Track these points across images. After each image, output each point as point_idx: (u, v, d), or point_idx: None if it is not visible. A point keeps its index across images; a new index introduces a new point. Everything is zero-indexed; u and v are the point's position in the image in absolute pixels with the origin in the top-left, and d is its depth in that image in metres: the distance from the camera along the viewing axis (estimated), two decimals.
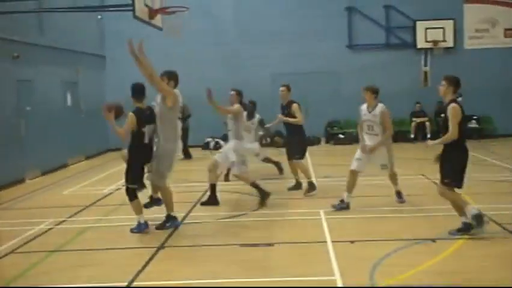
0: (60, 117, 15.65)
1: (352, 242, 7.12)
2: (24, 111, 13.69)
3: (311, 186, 10.31)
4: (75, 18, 16.22)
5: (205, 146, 18.60)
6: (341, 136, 18.42)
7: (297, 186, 10.73)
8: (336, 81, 18.58)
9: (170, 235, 7.93)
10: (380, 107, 8.92)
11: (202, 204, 9.78)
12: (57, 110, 15.64)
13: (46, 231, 8.47)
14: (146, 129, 8.00)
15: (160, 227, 8.20)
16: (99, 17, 18.95)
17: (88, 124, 17.36)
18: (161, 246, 7.38)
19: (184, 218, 8.92)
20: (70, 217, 9.36)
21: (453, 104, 7.05)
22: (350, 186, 8.86)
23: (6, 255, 7.31)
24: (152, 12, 11.46)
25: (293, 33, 19.17)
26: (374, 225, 8.00)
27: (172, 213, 8.28)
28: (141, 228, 8.05)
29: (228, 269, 6.41)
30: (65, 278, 6.33)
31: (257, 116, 11.20)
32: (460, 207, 7.21)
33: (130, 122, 7.88)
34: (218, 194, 9.81)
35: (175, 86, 8.46)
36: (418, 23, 19.04)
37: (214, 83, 18.17)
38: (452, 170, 7.08)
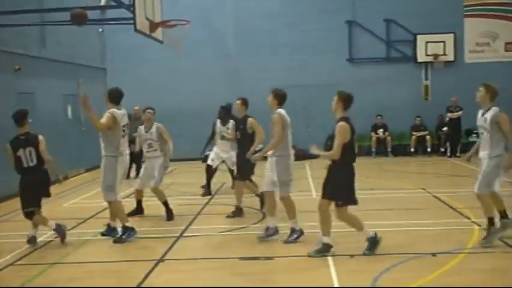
0: (61, 130, 15.67)
1: (352, 256, 7.09)
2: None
3: (238, 211, 9.74)
4: (76, 31, 16.28)
5: (205, 160, 18.54)
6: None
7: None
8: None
9: (170, 248, 7.92)
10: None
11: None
12: (58, 122, 15.67)
13: (46, 244, 8.46)
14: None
15: (118, 240, 8.30)
16: (100, 30, 19.05)
17: (88, 136, 17.31)
18: (161, 259, 7.36)
19: (184, 230, 8.91)
20: (70, 229, 9.31)
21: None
22: None
23: (6, 267, 7.30)
24: (153, 26, 11.52)
25: (294, 46, 19.25)
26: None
27: (127, 224, 8.39)
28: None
29: (228, 282, 6.39)
30: None
31: (231, 122, 11.08)
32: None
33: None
34: (217, 207, 9.82)
35: (118, 103, 8.67)
36: (419, 37, 19.11)
37: (214, 95, 18.46)
38: None
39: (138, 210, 10.07)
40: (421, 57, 19.19)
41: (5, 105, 12.86)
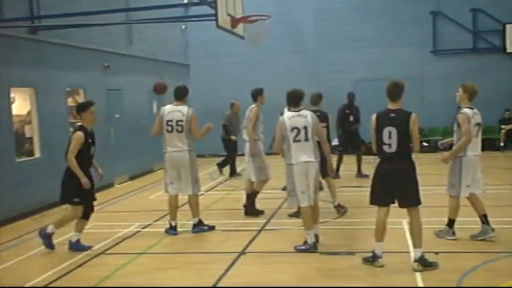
0: (146, 124, 16.17)
1: (436, 253, 6.90)
2: (113, 119, 14.32)
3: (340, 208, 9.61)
4: (160, 28, 16.82)
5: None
6: (425, 144, 17.91)
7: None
8: (419, 88, 18.08)
9: (251, 241, 8.03)
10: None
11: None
12: (144, 117, 16.22)
13: (134, 234, 8.81)
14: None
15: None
16: (183, 27, 19.53)
17: None
18: (243, 252, 7.48)
19: (265, 224, 9.00)
20: (155, 221, 9.69)
21: None
22: None
23: (97, 255, 7.68)
24: (235, 21, 11.64)
25: (374, 40, 18.89)
26: (460, 236, 7.70)
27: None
28: None
29: (309, 276, 6.41)
30: (153, 279, 6.58)
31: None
32: None
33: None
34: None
35: (176, 99, 8.97)
36: (508, 26, 18.18)
37: None
38: None
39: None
40: (511, 47, 18.26)
41: (95, 101, 13.46)
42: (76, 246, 7.96)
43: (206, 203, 11.15)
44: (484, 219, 7.49)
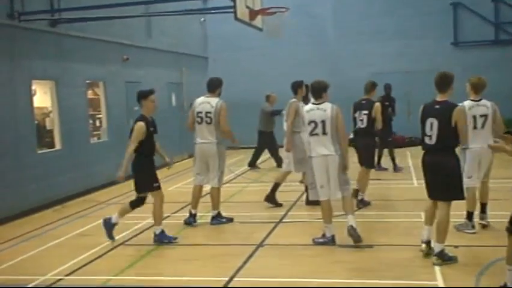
0: (165, 117, 16.28)
1: (456, 246, 6.84)
2: (132, 111, 14.39)
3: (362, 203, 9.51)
4: (179, 21, 16.86)
5: None
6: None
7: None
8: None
9: (269, 233, 8.04)
10: None
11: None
12: (163, 109, 16.27)
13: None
14: None
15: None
16: (202, 19, 19.54)
17: None
18: (261, 244, 7.50)
19: (283, 216, 9.01)
20: (174, 212, 9.75)
21: None
22: None
23: (116, 246, 7.76)
24: (253, 14, 11.63)
25: (394, 32, 18.71)
26: (480, 230, 7.63)
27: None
28: None
29: (327, 269, 6.41)
30: (171, 271, 6.64)
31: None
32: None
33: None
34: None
35: (209, 91, 8.88)
36: None
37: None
38: None
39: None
40: None
41: (114, 94, 13.60)
42: (109, 225, 8.02)
43: (224, 195, 11.15)
44: (469, 215, 7.50)
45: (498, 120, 7.38)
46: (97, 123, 13.40)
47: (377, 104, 9.47)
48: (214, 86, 8.78)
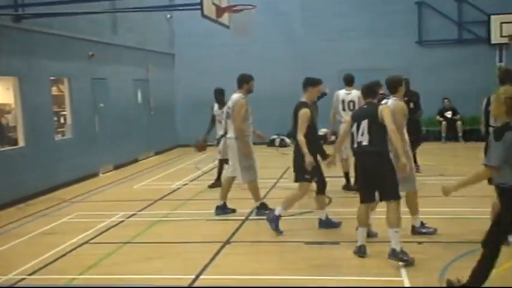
0: (131, 114, 16.16)
1: (420, 243, 6.97)
2: (98, 108, 14.24)
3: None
4: (146, 18, 16.71)
5: (271, 143, 18.68)
6: None
7: None
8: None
9: (236, 230, 8.05)
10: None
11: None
12: (129, 107, 16.16)
13: (118, 224, 8.80)
14: None
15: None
16: (168, 16, 19.40)
17: (157, 121, 17.86)
18: (227, 242, 7.50)
19: (250, 213, 9.02)
20: (140, 210, 9.67)
21: None
22: None
23: (81, 245, 7.66)
24: (220, 11, 11.59)
25: (361, 30, 18.91)
26: (444, 227, 7.78)
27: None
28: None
29: (293, 266, 6.44)
30: (137, 269, 6.57)
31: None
32: None
33: None
34: (283, 192, 9.84)
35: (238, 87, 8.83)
36: (493, 17, 18.27)
37: (281, 80, 18.47)
38: None
39: None
40: (495, 38, 18.35)
41: (79, 91, 13.40)
42: (326, 224, 7.91)
43: (192, 192, 11.16)
44: None
45: None
46: (62, 120, 13.19)
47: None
48: (239, 82, 8.85)
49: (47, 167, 11.82)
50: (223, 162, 10.96)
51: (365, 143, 6.51)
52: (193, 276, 6.17)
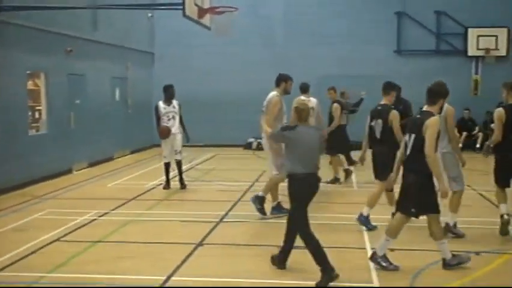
0: (108, 112, 16.00)
1: (392, 250, 7.00)
2: (74, 105, 14.07)
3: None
4: (127, 15, 16.58)
5: (247, 146, 18.69)
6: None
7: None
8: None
9: (209, 232, 8.02)
10: None
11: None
12: (106, 104, 16.00)
13: (90, 222, 8.69)
14: None
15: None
16: (149, 14, 19.28)
17: (134, 119, 17.72)
18: (200, 243, 7.47)
19: (224, 216, 9.00)
20: (113, 209, 9.58)
21: None
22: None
23: (51, 242, 7.54)
24: (202, 12, 11.58)
25: (341, 36, 19.03)
26: (416, 235, 7.85)
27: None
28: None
29: (264, 270, 6.43)
30: (107, 268, 6.50)
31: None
32: None
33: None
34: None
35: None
36: (470, 30, 18.61)
37: (260, 82, 18.39)
38: None
39: None
40: (472, 51, 18.68)
41: (55, 86, 13.23)
42: (364, 221, 8.06)
43: (165, 193, 11.09)
44: None
45: None
46: (36, 115, 12.99)
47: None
48: (278, 80, 8.95)
49: (19, 162, 11.63)
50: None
51: None
52: (165, 277, 6.13)
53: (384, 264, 6.34)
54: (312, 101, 10.66)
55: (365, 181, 11.52)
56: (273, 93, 8.82)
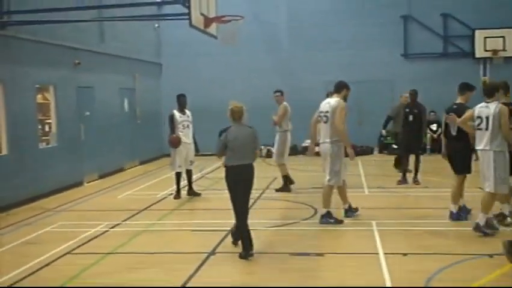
0: (117, 123, 16.07)
1: (405, 254, 6.99)
2: (83, 117, 14.14)
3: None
4: (133, 26, 16.69)
5: None
6: (395, 146, 18.11)
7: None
8: (390, 90, 18.22)
9: (221, 241, 8.01)
10: None
11: None
12: (115, 115, 16.07)
13: (102, 234, 8.71)
14: None
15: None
16: (156, 25, 19.40)
17: (143, 130, 17.79)
18: (212, 252, 7.46)
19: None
20: (124, 220, 9.59)
21: None
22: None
23: (63, 255, 7.56)
24: (208, 21, 11.61)
25: (347, 41, 19.05)
26: (428, 238, 7.82)
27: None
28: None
29: (278, 277, 6.42)
30: (120, 280, 6.50)
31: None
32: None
33: None
34: (269, 202, 9.84)
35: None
36: (477, 32, 18.54)
37: (266, 89, 18.45)
38: None
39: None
40: (479, 52, 18.60)
41: (65, 99, 13.31)
42: (457, 216, 8.54)
43: (176, 203, 11.10)
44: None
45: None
46: (46, 129, 13.08)
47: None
48: (339, 87, 9.06)
49: (30, 175, 11.69)
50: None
51: None
52: (179, 286, 6.13)
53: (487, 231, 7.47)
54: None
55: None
56: (336, 99, 8.83)
